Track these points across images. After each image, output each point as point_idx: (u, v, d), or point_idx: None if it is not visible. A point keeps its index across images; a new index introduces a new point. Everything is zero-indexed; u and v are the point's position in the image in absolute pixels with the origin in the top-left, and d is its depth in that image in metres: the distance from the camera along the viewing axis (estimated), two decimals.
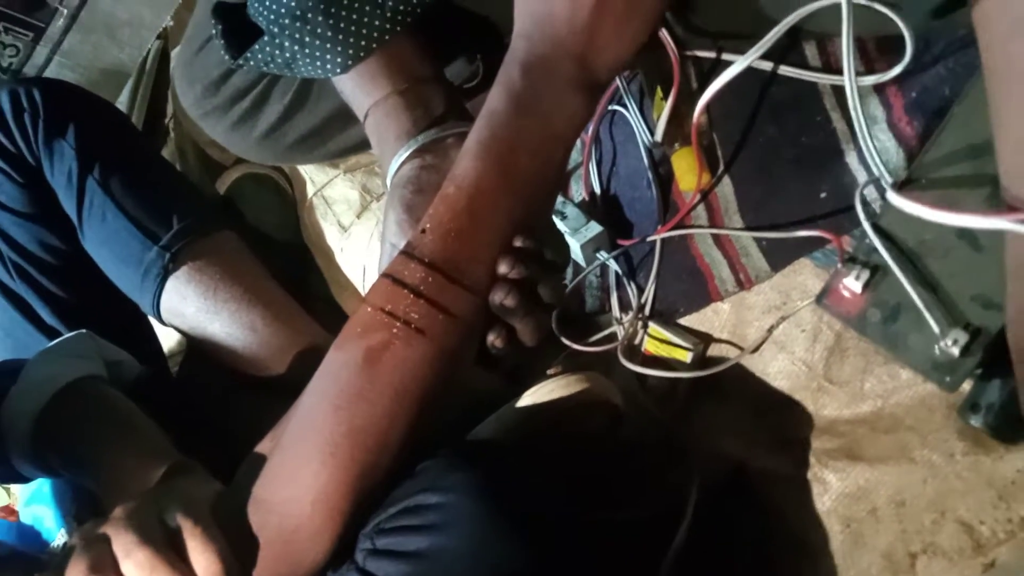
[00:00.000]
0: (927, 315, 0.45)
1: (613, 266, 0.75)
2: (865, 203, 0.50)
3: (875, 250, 0.46)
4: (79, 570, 0.44)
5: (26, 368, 0.75)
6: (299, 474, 0.49)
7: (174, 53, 1.15)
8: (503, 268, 0.50)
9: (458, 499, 0.47)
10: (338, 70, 0.56)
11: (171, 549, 0.46)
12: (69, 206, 0.91)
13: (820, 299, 0.50)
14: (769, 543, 0.62)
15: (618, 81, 0.75)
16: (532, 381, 0.67)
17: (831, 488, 0.58)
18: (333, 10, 0.53)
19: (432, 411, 0.54)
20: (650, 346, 0.70)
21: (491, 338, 0.52)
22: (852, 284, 0.48)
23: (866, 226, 0.47)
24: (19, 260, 0.91)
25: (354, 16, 0.53)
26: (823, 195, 0.60)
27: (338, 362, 0.51)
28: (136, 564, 0.44)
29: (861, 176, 0.58)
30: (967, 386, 0.51)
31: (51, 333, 0.89)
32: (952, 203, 0.39)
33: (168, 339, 1.09)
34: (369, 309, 0.50)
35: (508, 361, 0.57)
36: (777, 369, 0.64)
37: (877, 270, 0.48)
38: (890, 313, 0.47)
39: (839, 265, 0.49)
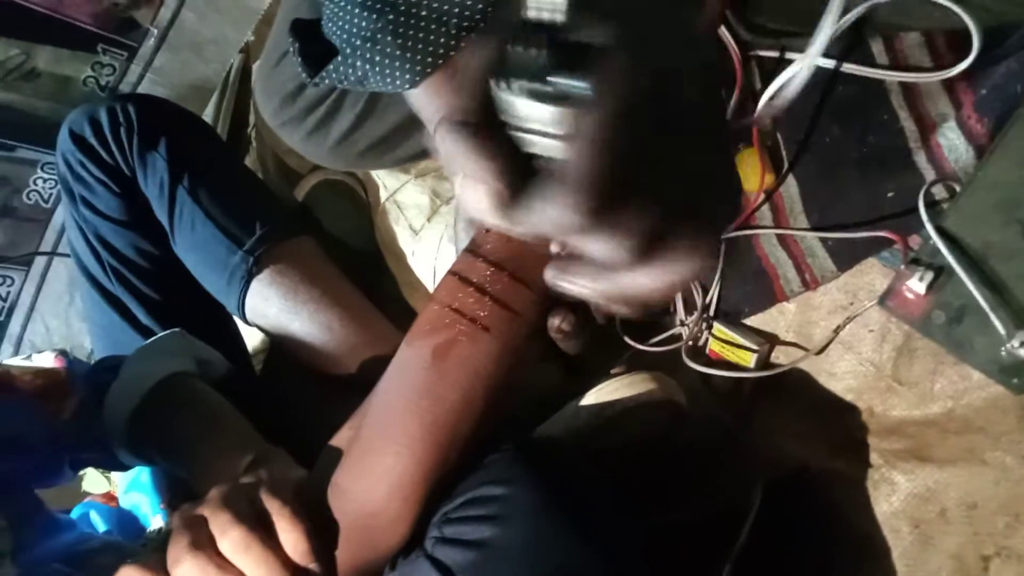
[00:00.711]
0: (992, 317, 0.44)
1: None
2: (931, 204, 0.50)
3: (939, 251, 0.46)
4: (181, 546, 0.48)
5: (124, 365, 0.81)
6: (376, 465, 0.52)
7: (255, 67, 1.21)
8: None
9: (519, 492, 0.49)
10: (407, 86, 0.59)
11: (263, 528, 0.50)
12: (161, 214, 0.97)
13: (883, 301, 0.50)
14: (832, 544, 0.62)
15: None
16: (596, 380, 0.69)
17: (899, 489, 0.58)
18: (401, 30, 0.55)
19: (499, 406, 0.56)
20: (715, 346, 0.71)
21: (556, 321, 0.52)
22: (916, 286, 0.47)
23: (929, 228, 0.46)
24: (117, 265, 0.97)
25: (420, 35, 0.55)
26: (890, 195, 0.60)
27: (408, 358, 0.54)
28: (232, 542, 0.48)
29: (929, 175, 0.57)
30: None
31: (146, 332, 0.95)
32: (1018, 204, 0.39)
33: (252, 339, 1.15)
34: (436, 307, 0.52)
35: (575, 349, 0.58)
36: (844, 369, 0.63)
37: (941, 272, 0.47)
38: (955, 315, 0.46)
39: (902, 267, 0.49)
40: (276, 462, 0.64)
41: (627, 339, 0.71)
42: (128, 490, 0.96)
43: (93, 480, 1.16)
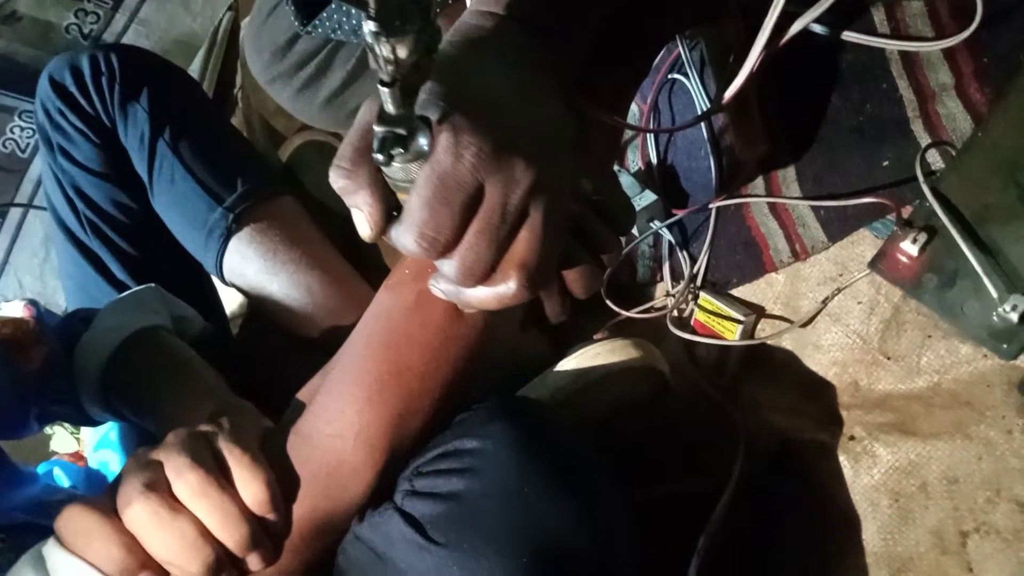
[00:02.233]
0: (986, 280, 0.43)
1: (667, 235, 0.75)
2: (928, 173, 0.49)
3: (934, 213, 0.45)
4: (132, 488, 0.46)
5: (98, 316, 0.78)
6: (344, 410, 0.50)
7: (244, 23, 1.18)
8: None
9: (496, 445, 0.48)
10: None
11: (221, 474, 0.48)
12: (141, 167, 0.95)
13: (875, 264, 0.48)
14: (813, 517, 0.61)
15: (680, 49, 0.75)
16: (579, 346, 0.67)
17: (881, 461, 0.57)
18: None
19: (478, 363, 0.55)
20: (700, 317, 0.70)
21: None
22: (908, 248, 0.46)
23: (925, 189, 0.45)
24: (93, 217, 0.95)
25: None
26: (885, 163, 0.59)
27: (389, 303, 0.52)
28: (188, 485, 0.46)
29: (926, 144, 0.56)
30: None
31: (121, 288, 0.93)
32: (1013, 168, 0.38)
33: (230, 302, 1.13)
34: None
35: (557, 313, 0.57)
36: (831, 342, 0.62)
37: (935, 234, 0.46)
38: (947, 279, 0.46)
39: (896, 228, 0.48)
40: (242, 414, 0.62)
41: (611, 304, 0.70)
42: (97, 447, 0.94)
43: (61, 440, 1.14)
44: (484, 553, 0.44)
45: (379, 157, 0.36)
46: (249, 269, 0.92)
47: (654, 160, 0.79)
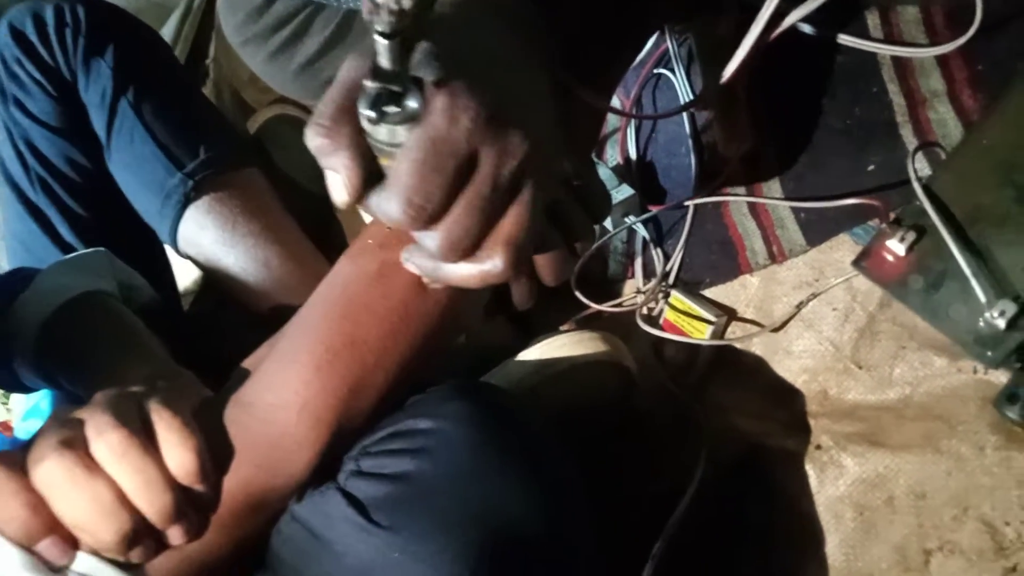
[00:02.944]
0: (974, 283, 0.42)
1: (641, 231, 0.73)
2: (917, 171, 0.47)
3: (924, 212, 0.43)
4: (46, 444, 0.42)
5: (39, 276, 0.74)
6: (291, 380, 0.47)
7: None
8: None
9: (452, 426, 0.45)
10: None
11: (147, 438, 0.44)
12: (99, 125, 0.90)
13: (859, 262, 0.47)
14: (774, 526, 0.59)
15: (668, 43, 0.73)
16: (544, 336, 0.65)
17: (847, 472, 0.55)
18: None
19: (437, 344, 0.52)
20: (670, 316, 0.68)
21: None
22: (895, 246, 0.45)
23: (916, 186, 0.44)
24: (44, 173, 0.90)
25: None
26: (871, 167, 0.57)
27: (349, 272, 0.50)
28: (108, 445, 0.42)
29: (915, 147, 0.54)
30: (1004, 377, 0.48)
31: (68, 250, 0.88)
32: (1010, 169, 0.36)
33: (183, 279, 1.08)
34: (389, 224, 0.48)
35: (524, 298, 0.54)
36: (802, 348, 0.61)
37: (924, 234, 0.45)
38: (934, 280, 0.44)
39: (883, 226, 0.46)
40: (180, 379, 0.58)
41: (580, 296, 0.68)
42: (26, 416, 0.89)
43: None
44: (431, 536, 0.41)
45: (370, 114, 0.33)
46: (205, 239, 0.88)
47: (633, 155, 0.77)
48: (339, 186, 0.36)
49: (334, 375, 0.47)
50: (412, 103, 0.33)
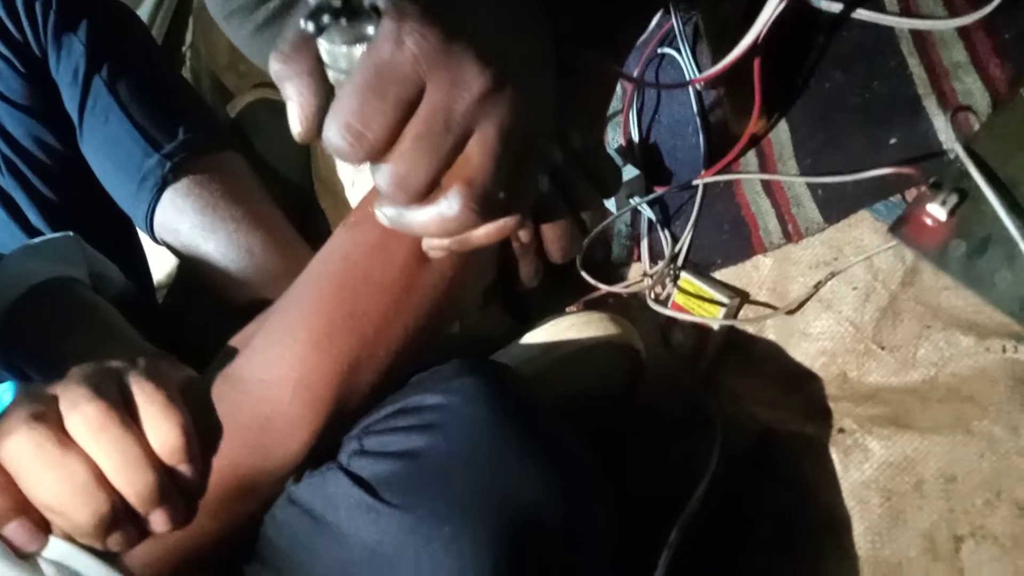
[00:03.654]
0: (1022, 247, 0.39)
1: (646, 212, 0.70)
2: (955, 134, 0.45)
3: (966, 174, 0.41)
4: (17, 417, 0.37)
5: (3, 261, 0.69)
6: (285, 354, 0.43)
7: None
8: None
9: (464, 401, 0.42)
10: None
11: (127, 411, 0.39)
12: (71, 104, 0.86)
13: (896, 228, 0.44)
14: (790, 516, 0.56)
15: (673, 21, 0.71)
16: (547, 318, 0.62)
17: (873, 456, 0.52)
18: None
19: (441, 321, 0.49)
20: (679, 299, 0.65)
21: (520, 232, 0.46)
22: (936, 211, 0.42)
23: (957, 147, 0.42)
24: (11, 155, 0.85)
25: None
26: (893, 141, 0.55)
27: (347, 242, 0.46)
28: (84, 418, 0.37)
29: (940, 121, 0.53)
30: None
31: (36, 235, 0.83)
32: None
33: (157, 271, 1.04)
34: None
35: (530, 275, 0.51)
36: (820, 329, 0.58)
37: (965, 197, 0.42)
38: (977, 245, 0.42)
39: (923, 189, 0.43)
40: (163, 359, 0.54)
41: (587, 276, 0.64)
42: None
43: None
44: (447, 518, 0.37)
45: (308, 26, 0.32)
46: (183, 225, 0.84)
47: (636, 138, 0.75)
48: (293, 115, 0.35)
49: (332, 350, 0.44)
50: (368, 28, 0.32)
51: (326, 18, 0.32)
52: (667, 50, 0.72)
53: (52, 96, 0.86)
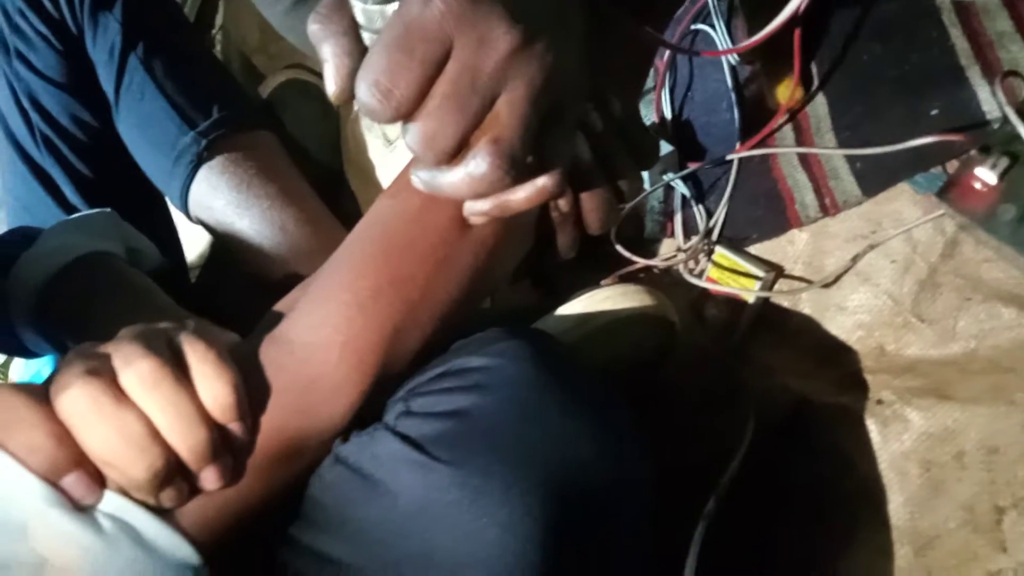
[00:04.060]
0: None
1: (680, 188, 0.70)
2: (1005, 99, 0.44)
3: (1016, 137, 0.41)
4: (73, 372, 0.38)
5: (42, 236, 0.70)
6: (331, 317, 0.44)
7: None
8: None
9: (509, 362, 0.42)
10: None
11: (179, 369, 0.40)
12: (107, 82, 0.87)
13: (943, 193, 0.44)
14: (823, 488, 0.56)
15: None
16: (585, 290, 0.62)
17: (912, 427, 0.52)
18: None
19: (478, 289, 0.49)
20: (714, 273, 0.65)
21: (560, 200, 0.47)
22: (985, 174, 0.42)
23: (1009, 111, 0.41)
24: (49, 132, 0.86)
25: None
26: (934, 112, 0.55)
27: (389, 210, 0.47)
28: (138, 374, 0.38)
29: (983, 91, 0.52)
30: None
31: (71, 212, 0.85)
32: None
33: (189, 252, 1.05)
34: None
35: (568, 246, 0.52)
36: (857, 303, 0.58)
37: (1016, 160, 0.42)
38: None
39: (972, 152, 0.43)
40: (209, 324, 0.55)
41: (621, 249, 0.65)
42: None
43: None
44: (497, 474, 0.38)
45: None
46: (218, 202, 0.85)
47: (669, 116, 0.75)
48: (329, 76, 0.36)
49: (379, 313, 0.44)
50: None
51: None
52: (701, 26, 0.72)
53: (88, 73, 0.87)
